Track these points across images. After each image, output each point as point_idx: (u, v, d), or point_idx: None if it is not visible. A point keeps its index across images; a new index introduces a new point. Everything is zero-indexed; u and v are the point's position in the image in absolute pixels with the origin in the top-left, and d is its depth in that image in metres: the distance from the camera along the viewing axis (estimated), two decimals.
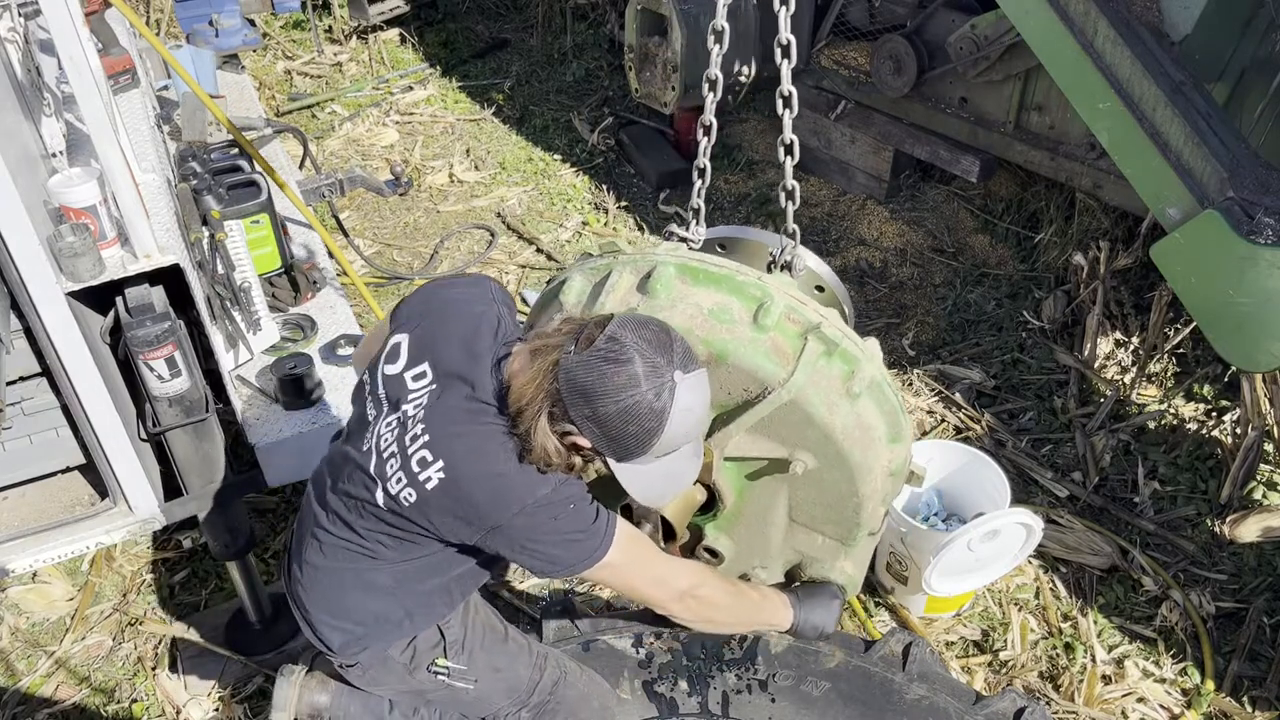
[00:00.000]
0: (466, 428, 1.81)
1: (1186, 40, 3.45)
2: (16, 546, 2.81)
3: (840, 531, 1.80)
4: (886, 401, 1.73)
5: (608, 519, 1.84)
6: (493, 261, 5.06)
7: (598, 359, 1.64)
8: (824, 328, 1.66)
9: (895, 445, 1.75)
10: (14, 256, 2.30)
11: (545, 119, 6.19)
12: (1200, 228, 2.82)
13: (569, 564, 1.84)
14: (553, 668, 2.34)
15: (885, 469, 1.74)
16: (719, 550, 1.95)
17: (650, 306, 1.71)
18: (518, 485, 1.77)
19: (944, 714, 2.60)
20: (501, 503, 1.78)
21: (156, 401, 2.62)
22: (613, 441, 1.69)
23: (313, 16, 6.75)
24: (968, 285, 4.80)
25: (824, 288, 1.98)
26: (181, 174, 3.25)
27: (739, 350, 1.66)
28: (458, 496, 1.80)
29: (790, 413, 1.65)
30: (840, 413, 1.66)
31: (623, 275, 1.78)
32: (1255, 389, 3.66)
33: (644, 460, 1.72)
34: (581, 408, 1.66)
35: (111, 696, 3.16)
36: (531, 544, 1.82)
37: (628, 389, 1.62)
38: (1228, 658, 3.23)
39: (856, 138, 5.21)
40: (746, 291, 1.70)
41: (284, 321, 3.32)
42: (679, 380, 1.64)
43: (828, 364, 1.66)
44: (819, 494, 1.76)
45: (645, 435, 1.66)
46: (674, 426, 1.66)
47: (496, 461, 1.78)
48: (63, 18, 2.15)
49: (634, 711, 2.69)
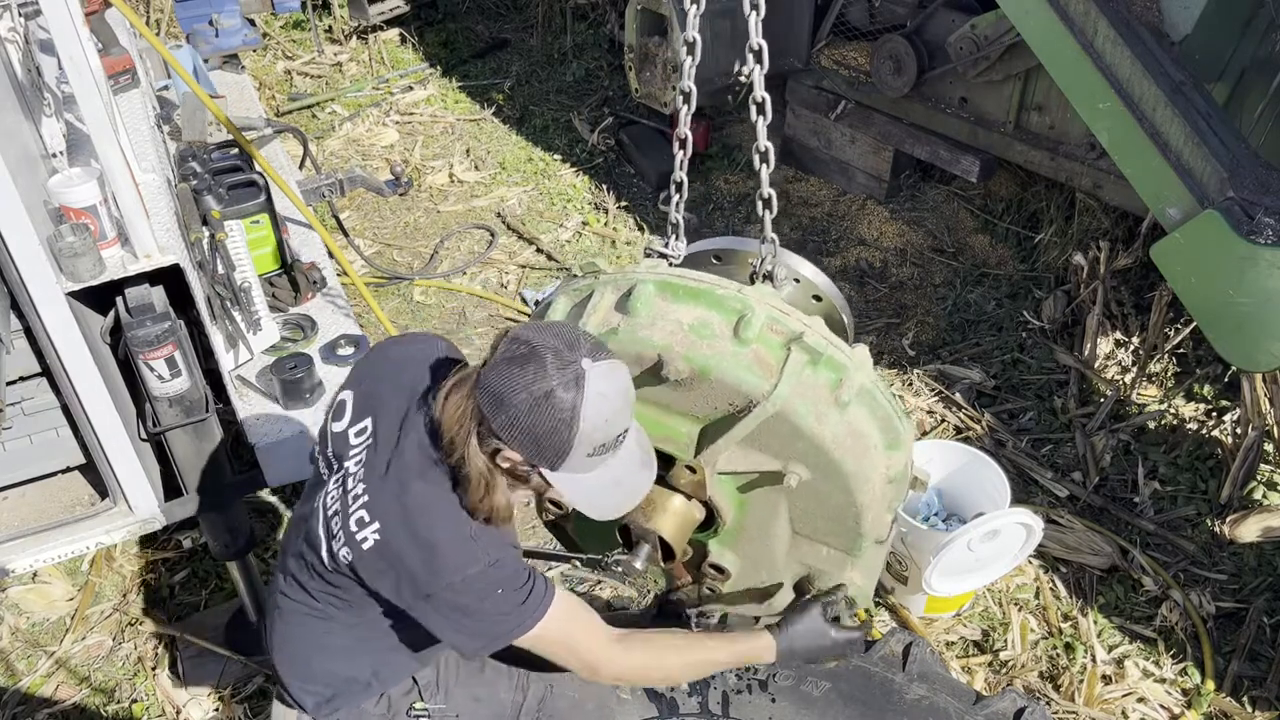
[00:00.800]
0: (403, 485, 1.81)
1: (1186, 40, 3.45)
2: (16, 546, 2.80)
3: (844, 542, 1.78)
4: (880, 408, 1.70)
5: (539, 601, 1.82)
6: (493, 261, 5.06)
7: (504, 363, 1.64)
8: (807, 337, 1.64)
9: (893, 452, 1.72)
10: (14, 256, 2.30)
11: (545, 119, 6.19)
12: (1200, 228, 2.81)
13: (492, 638, 1.82)
14: (536, 684, 2.31)
15: (883, 476, 1.71)
16: (724, 566, 1.93)
17: (631, 325, 1.70)
18: (451, 555, 1.76)
19: (944, 714, 2.60)
20: (433, 571, 1.76)
21: (156, 401, 2.62)
22: (536, 442, 1.66)
23: (313, 16, 6.75)
24: (968, 285, 4.80)
25: (821, 297, 1.96)
26: (181, 174, 3.25)
27: (721, 365, 1.63)
28: (390, 560, 1.79)
29: (778, 425, 1.63)
30: (830, 422, 1.63)
31: (604, 295, 1.77)
32: (1255, 389, 3.66)
33: (580, 467, 1.69)
34: (498, 413, 1.65)
35: (111, 696, 3.16)
36: (457, 617, 1.80)
37: (535, 381, 1.62)
38: (1228, 658, 3.23)
39: (856, 138, 5.21)
40: (727, 305, 1.68)
41: (284, 321, 3.32)
42: (588, 367, 1.63)
43: (813, 373, 1.64)
44: (818, 505, 1.74)
45: (562, 427, 1.64)
46: (590, 415, 1.63)
47: (433, 526, 1.77)
48: (63, 18, 2.15)
49: (634, 711, 2.69)
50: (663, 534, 1.83)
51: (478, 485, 1.74)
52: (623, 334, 1.70)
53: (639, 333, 1.69)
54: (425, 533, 1.77)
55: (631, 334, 1.69)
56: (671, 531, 1.84)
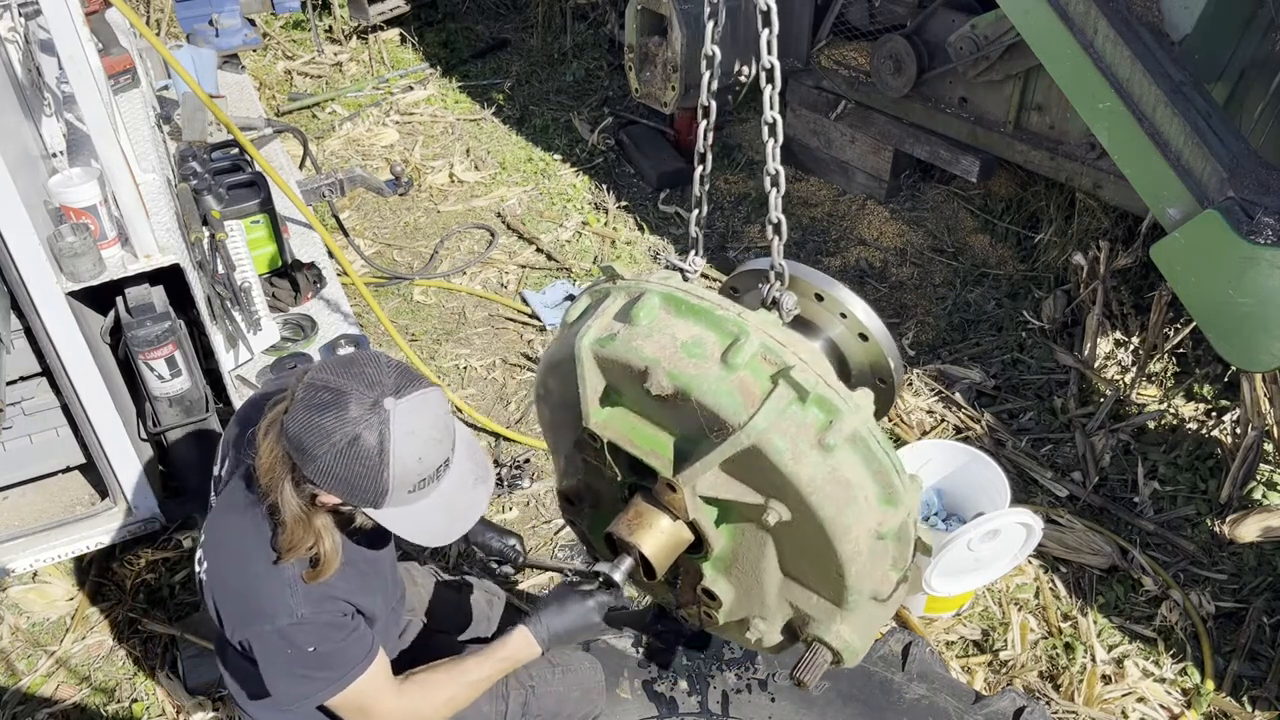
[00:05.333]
0: (229, 523, 1.84)
1: (1186, 40, 3.45)
2: (16, 546, 2.81)
3: (832, 593, 1.71)
4: (875, 459, 1.61)
5: (355, 662, 1.82)
6: (493, 261, 5.06)
7: (304, 410, 1.62)
8: (797, 372, 1.56)
9: (887, 507, 1.63)
10: (14, 256, 2.30)
11: (545, 119, 6.19)
12: (1200, 228, 2.82)
13: (292, 697, 1.83)
14: (516, 689, 2.31)
15: (871, 530, 1.62)
16: (716, 593, 1.91)
17: (629, 334, 1.66)
18: (264, 602, 1.77)
19: (944, 714, 2.60)
20: (250, 614, 1.78)
21: (156, 401, 2.63)
22: (351, 487, 1.64)
23: (313, 16, 6.75)
24: (968, 285, 4.81)
25: (868, 337, 1.86)
26: (181, 174, 3.25)
27: (702, 386, 1.58)
28: (216, 599, 1.83)
29: (756, 458, 1.57)
30: (808, 463, 1.56)
31: (615, 300, 1.74)
32: (1255, 389, 3.66)
33: (404, 501, 1.68)
34: (307, 463, 1.63)
35: (111, 696, 3.16)
36: (267, 663, 1.81)
37: (338, 430, 1.59)
38: (1228, 657, 3.23)
39: (856, 138, 5.21)
40: (723, 327, 1.63)
41: (284, 321, 3.33)
42: (391, 407, 1.60)
43: (800, 411, 1.57)
44: (801, 549, 1.68)
45: (374, 472, 1.62)
46: (401, 455, 1.62)
47: (251, 565, 1.78)
48: (63, 18, 2.15)
49: (634, 711, 2.69)
50: (643, 549, 1.77)
51: (294, 528, 1.72)
52: (619, 341, 1.67)
53: (634, 341, 1.65)
54: (238, 576, 1.80)
55: (626, 342, 1.66)
56: (653, 549, 1.78)
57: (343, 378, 1.63)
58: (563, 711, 2.38)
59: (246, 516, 1.79)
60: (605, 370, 1.71)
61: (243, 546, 1.79)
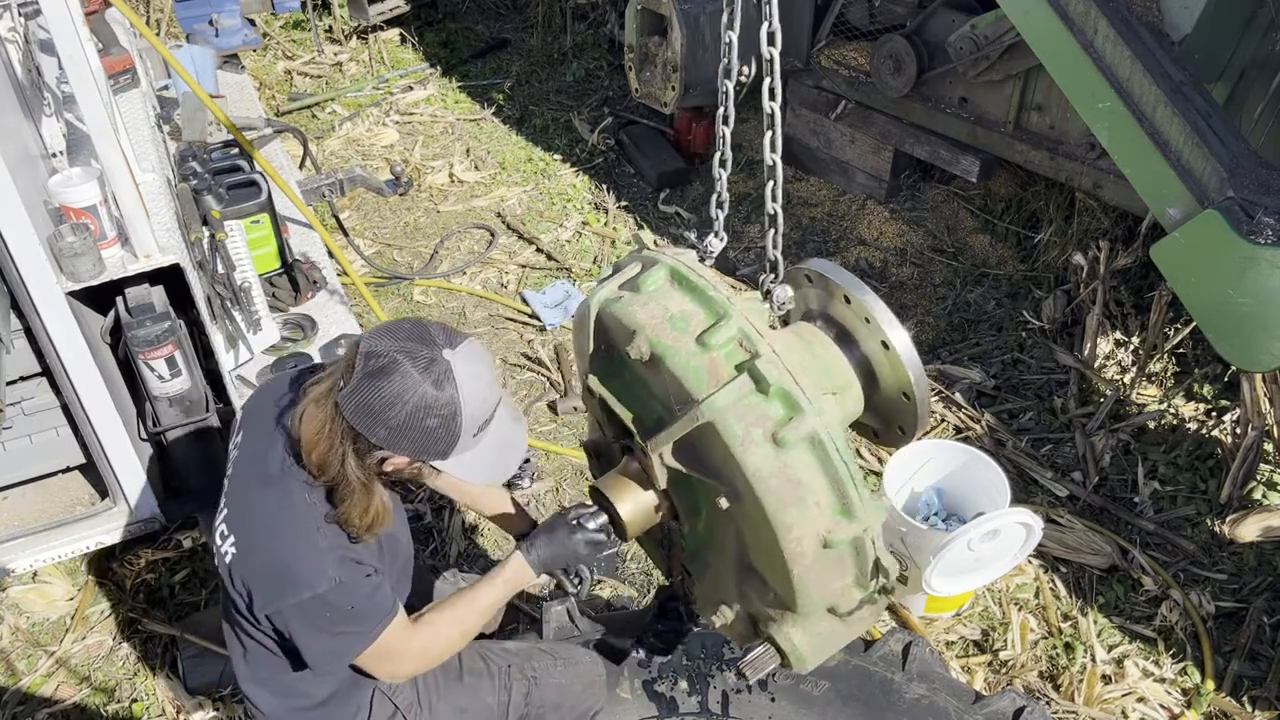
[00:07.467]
0: (258, 497, 1.85)
1: (1186, 40, 3.45)
2: (16, 546, 2.81)
3: (784, 592, 1.71)
4: (831, 466, 1.59)
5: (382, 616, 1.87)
6: (493, 261, 5.06)
7: (366, 379, 1.66)
8: (763, 362, 1.59)
9: (840, 518, 1.61)
10: (14, 256, 2.30)
11: (545, 119, 6.19)
12: (1200, 228, 2.82)
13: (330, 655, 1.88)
14: (519, 680, 2.33)
15: (818, 536, 1.61)
16: (690, 569, 1.94)
17: (630, 299, 1.73)
18: (299, 574, 1.79)
19: (944, 713, 2.60)
20: (290, 584, 1.79)
21: (156, 401, 2.63)
22: (424, 444, 1.70)
23: (313, 16, 6.75)
24: (968, 285, 4.81)
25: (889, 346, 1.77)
26: (181, 174, 3.26)
27: (674, 358, 1.64)
28: (247, 575, 1.84)
29: (712, 436, 1.61)
30: (756, 452, 1.57)
31: (633, 267, 1.83)
32: (1255, 389, 3.66)
33: (467, 447, 1.74)
34: (377, 429, 1.67)
35: (111, 696, 3.16)
36: (306, 631, 1.84)
37: (408, 389, 1.65)
38: (1228, 657, 3.23)
39: (856, 138, 5.21)
40: (711, 307, 1.68)
41: (284, 321, 3.33)
42: (450, 358, 1.67)
43: (761, 401, 1.59)
44: (757, 540, 1.69)
45: (448, 421, 1.68)
46: (470, 398, 1.69)
47: (284, 542, 1.80)
48: (63, 18, 2.15)
49: (634, 711, 2.69)
50: (617, 508, 1.85)
51: (361, 496, 1.76)
52: (620, 305, 1.74)
53: (631, 306, 1.72)
54: (276, 549, 1.81)
55: (625, 306, 1.72)
56: (628, 511, 1.86)
57: (394, 340, 1.68)
58: (564, 703, 2.39)
59: (280, 489, 1.82)
60: (610, 329, 1.77)
61: (280, 519, 1.81)
